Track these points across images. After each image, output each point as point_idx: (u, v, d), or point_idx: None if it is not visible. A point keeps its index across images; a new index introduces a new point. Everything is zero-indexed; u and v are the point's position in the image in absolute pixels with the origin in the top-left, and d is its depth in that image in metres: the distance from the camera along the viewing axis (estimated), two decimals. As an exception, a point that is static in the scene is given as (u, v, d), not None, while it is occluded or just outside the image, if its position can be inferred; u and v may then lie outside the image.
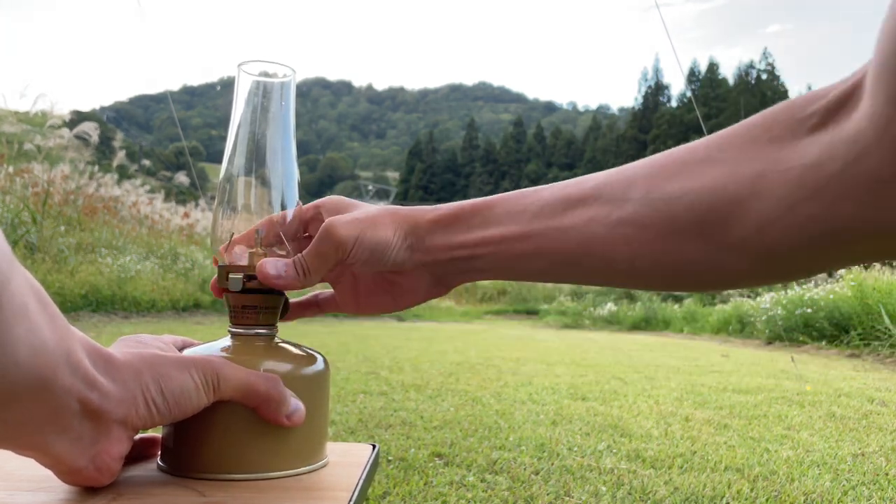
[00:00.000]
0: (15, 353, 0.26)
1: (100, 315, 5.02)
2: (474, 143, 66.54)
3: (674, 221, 0.34)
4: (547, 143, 61.63)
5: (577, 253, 0.37)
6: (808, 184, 0.30)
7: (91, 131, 7.74)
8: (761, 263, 0.33)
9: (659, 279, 0.36)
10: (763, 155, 0.32)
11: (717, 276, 0.35)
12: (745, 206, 0.32)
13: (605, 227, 0.36)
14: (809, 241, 0.31)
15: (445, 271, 0.41)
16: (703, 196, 0.33)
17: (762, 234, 0.32)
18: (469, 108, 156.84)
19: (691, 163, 0.35)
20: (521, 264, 0.39)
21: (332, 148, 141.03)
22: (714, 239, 0.33)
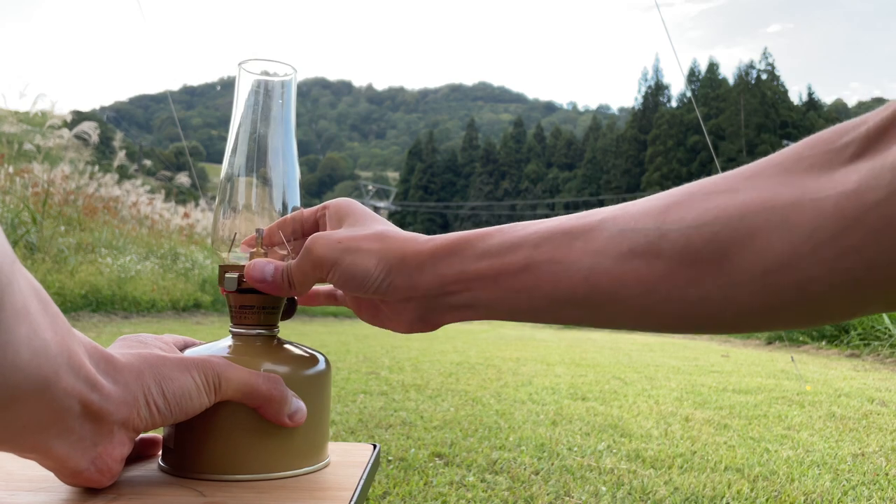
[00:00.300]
0: (16, 354, 0.26)
1: (100, 315, 5.02)
2: (474, 143, 66.55)
3: (690, 252, 0.31)
4: (547, 144, 61.63)
5: (581, 289, 0.34)
6: (846, 213, 0.27)
7: (91, 131, 7.75)
8: (787, 303, 0.29)
9: (670, 318, 0.33)
10: (795, 184, 0.29)
11: (734, 315, 0.31)
12: (772, 236, 0.29)
13: (614, 260, 0.33)
14: (846, 278, 0.27)
15: (433, 307, 0.38)
16: (726, 224, 0.30)
17: (789, 268, 0.29)
18: (469, 108, 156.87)
19: (713, 192, 0.32)
20: (517, 301, 0.36)
21: (332, 148, 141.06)
22: (734, 271, 0.30)
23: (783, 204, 0.29)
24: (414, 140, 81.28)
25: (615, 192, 48.58)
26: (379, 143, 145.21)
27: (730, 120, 44.84)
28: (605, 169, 51.99)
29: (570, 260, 0.34)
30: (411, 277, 0.37)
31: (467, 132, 69.57)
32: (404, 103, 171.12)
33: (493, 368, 3.06)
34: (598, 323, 0.36)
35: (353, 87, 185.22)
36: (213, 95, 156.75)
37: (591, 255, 0.34)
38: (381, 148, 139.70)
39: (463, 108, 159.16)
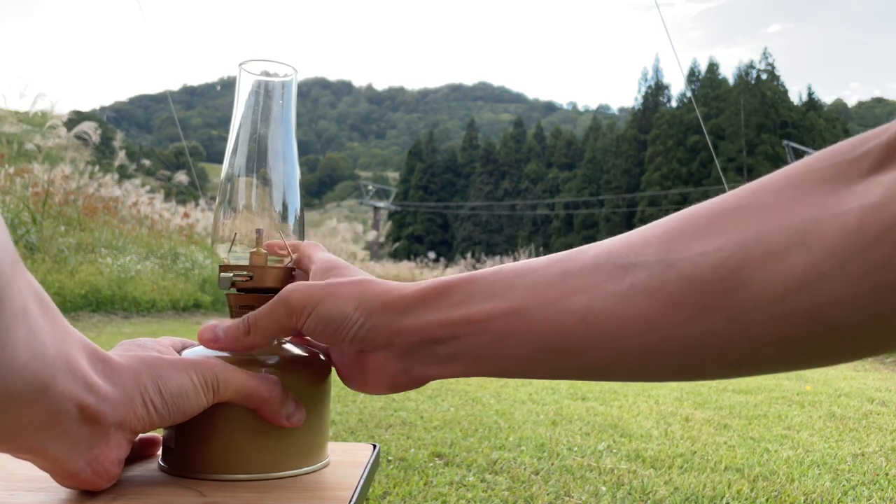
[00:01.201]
0: (14, 356, 0.26)
1: (100, 315, 5.02)
2: (474, 143, 66.56)
3: (695, 281, 0.28)
4: (547, 144, 61.65)
5: (576, 332, 0.31)
6: (871, 228, 0.25)
7: (91, 131, 7.75)
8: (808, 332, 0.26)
9: (673, 358, 0.30)
10: (810, 199, 0.27)
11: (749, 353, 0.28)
12: (788, 257, 0.26)
13: (612, 298, 0.30)
14: (871, 301, 0.25)
15: (417, 358, 0.35)
16: (737, 251, 0.27)
17: (809, 290, 0.26)
18: (469, 108, 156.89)
19: (718, 215, 0.29)
20: (507, 348, 0.32)
21: (332, 148, 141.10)
22: (746, 298, 0.27)
23: (799, 221, 0.27)
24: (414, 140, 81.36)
25: (615, 192, 48.58)
26: (379, 143, 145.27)
27: (730, 120, 44.87)
28: (605, 169, 52.00)
29: (564, 301, 0.31)
30: (394, 322, 0.34)
31: (467, 132, 69.60)
32: (404, 103, 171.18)
33: (493, 368, 3.06)
34: (594, 372, 0.32)
35: (353, 87, 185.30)
36: (213, 95, 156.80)
37: (586, 294, 0.31)
38: (381, 148, 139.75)
39: (463, 108, 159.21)
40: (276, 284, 0.41)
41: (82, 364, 0.31)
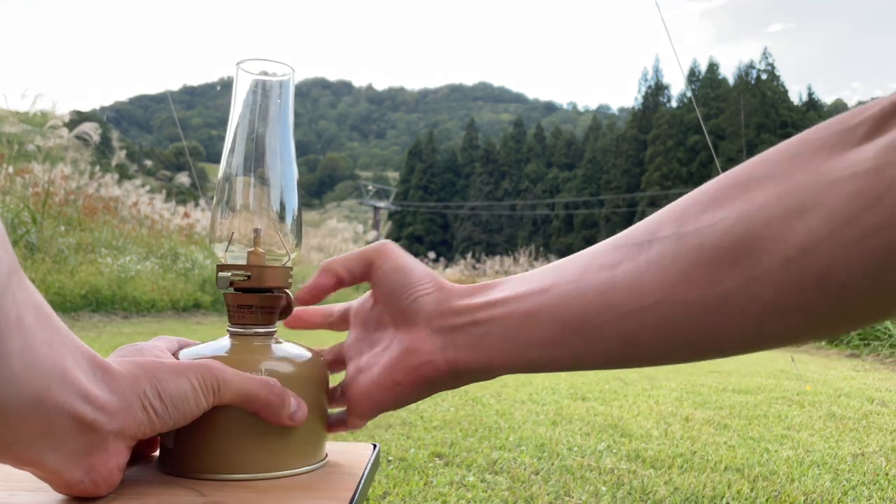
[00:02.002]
0: (8, 367, 0.26)
1: (100, 315, 5.02)
2: (474, 144, 66.53)
3: (705, 251, 0.30)
4: (547, 144, 61.62)
5: (595, 307, 0.32)
6: (865, 192, 0.26)
7: (91, 131, 7.74)
8: (811, 296, 0.27)
9: (691, 331, 0.31)
10: (808, 168, 0.28)
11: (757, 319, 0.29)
12: (788, 222, 0.28)
13: (630, 274, 0.32)
14: (869, 263, 0.26)
15: (453, 339, 0.36)
16: (740, 219, 0.29)
17: (809, 254, 0.27)
18: (469, 108, 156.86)
19: (726, 187, 0.31)
20: (531, 328, 0.34)
21: (332, 148, 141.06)
22: (752, 264, 0.28)
23: (797, 189, 0.28)
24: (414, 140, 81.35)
25: (615, 191, 48.57)
26: (379, 143, 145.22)
27: (730, 120, 44.86)
28: (605, 169, 51.98)
29: (585, 278, 0.33)
30: (451, 301, 0.38)
31: (467, 132, 69.59)
32: (404, 103, 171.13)
33: (493, 368, 3.06)
34: (613, 353, 0.33)
35: (353, 87, 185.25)
36: (213, 95, 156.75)
37: (606, 271, 0.33)
38: (381, 148, 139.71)
39: (463, 108, 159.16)
40: (275, 284, 0.41)
41: (78, 374, 0.31)
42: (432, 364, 0.37)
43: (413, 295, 0.38)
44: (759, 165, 0.30)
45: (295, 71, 0.44)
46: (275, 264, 0.42)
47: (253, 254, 0.41)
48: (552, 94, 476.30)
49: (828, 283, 0.27)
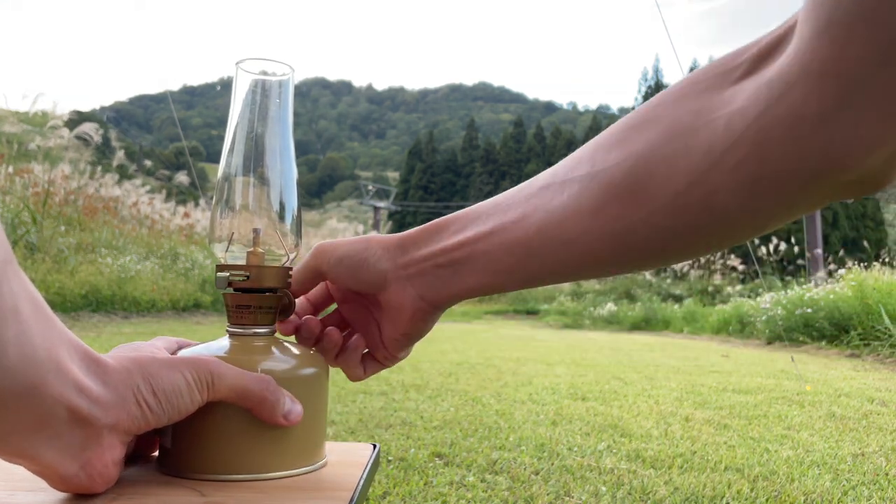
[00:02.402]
0: (3, 358, 0.26)
1: (100, 315, 5.02)
2: (474, 143, 66.52)
3: (611, 188, 0.35)
4: (547, 144, 61.59)
5: (536, 241, 0.37)
6: (733, 130, 0.30)
7: (91, 131, 7.74)
8: (700, 219, 0.33)
9: (610, 255, 0.36)
10: (693, 107, 0.32)
11: (661, 243, 0.35)
12: (675, 161, 0.32)
13: (558, 209, 0.37)
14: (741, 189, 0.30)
15: (426, 283, 0.41)
16: (638, 160, 0.34)
17: (695, 186, 0.32)
18: (469, 108, 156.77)
19: (629, 128, 0.35)
20: (491, 262, 0.39)
21: (332, 148, 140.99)
22: (650, 200, 0.33)
23: (682, 130, 0.32)
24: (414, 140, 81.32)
25: (615, 192, 48.51)
26: (379, 143, 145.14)
27: (730, 120, 44.82)
28: (605, 169, 51.89)
29: (526, 218, 0.38)
30: (405, 254, 0.42)
31: (467, 132, 69.57)
32: (404, 103, 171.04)
33: (493, 368, 3.06)
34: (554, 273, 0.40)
35: (353, 87, 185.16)
36: (213, 95, 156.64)
37: (540, 210, 0.38)
38: (381, 148, 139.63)
39: (463, 108, 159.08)
40: (274, 284, 0.41)
41: (73, 367, 0.31)
42: (421, 309, 0.42)
43: (368, 265, 0.42)
44: (655, 107, 0.35)
45: (295, 71, 0.44)
46: (274, 264, 0.42)
47: (252, 254, 0.41)
48: (552, 94, 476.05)
49: (712, 208, 0.32)
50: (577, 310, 10.68)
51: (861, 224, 27.68)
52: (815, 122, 0.27)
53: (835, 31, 0.26)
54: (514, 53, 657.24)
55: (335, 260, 0.42)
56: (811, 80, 0.27)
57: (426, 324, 0.43)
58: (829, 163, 0.28)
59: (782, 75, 0.28)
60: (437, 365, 3.11)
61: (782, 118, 0.28)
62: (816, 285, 6.05)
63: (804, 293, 5.47)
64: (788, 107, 0.28)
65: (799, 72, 0.27)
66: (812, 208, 0.32)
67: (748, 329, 6.17)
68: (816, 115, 0.27)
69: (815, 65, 0.27)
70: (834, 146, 0.28)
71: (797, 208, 0.31)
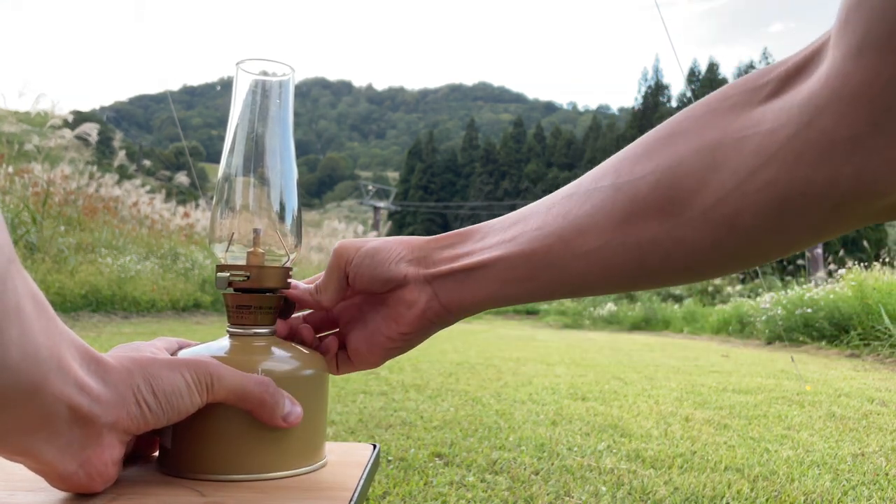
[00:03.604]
0: (6, 355, 0.26)
1: (100, 315, 5.02)
2: (474, 143, 66.53)
3: (637, 202, 0.34)
4: (547, 144, 61.61)
5: (556, 250, 0.37)
6: (763, 151, 0.30)
7: (91, 131, 7.74)
8: (725, 238, 0.32)
9: (631, 268, 0.36)
10: (722, 125, 0.32)
11: (684, 258, 0.34)
12: (703, 177, 0.32)
13: (580, 219, 0.37)
14: (768, 210, 0.30)
15: (442, 286, 0.41)
16: (665, 173, 0.34)
17: (722, 204, 0.32)
18: (469, 108, 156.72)
19: (657, 141, 0.35)
20: (509, 270, 0.39)
21: (332, 148, 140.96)
22: (675, 214, 0.33)
23: (710, 146, 0.32)
24: (414, 140, 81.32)
25: (615, 191, 48.45)
26: (379, 143, 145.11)
27: (730, 120, 44.76)
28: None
29: (547, 226, 0.38)
30: (429, 255, 0.42)
31: (467, 132, 69.58)
32: (404, 103, 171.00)
33: (493, 368, 3.06)
34: (573, 285, 0.38)
35: (353, 87, 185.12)
36: (213, 95, 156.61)
37: (563, 218, 0.37)
38: (381, 148, 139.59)
39: (463, 108, 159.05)
40: (274, 284, 0.41)
41: (74, 365, 0.31)
42: (431, 309, 0.42)
43: (391, 263, 0.41)
44: (683, 122, 0.35)
45: (295, 71, 0.44)
46: (274, 264, 0.42)
47: (252, 254, 0.41)
48: (552, 94, 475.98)
49: (737, 226, 0.32)
50: (577, 310, 10.68)
51: (861, 224, 27.63)
52: (847, 146, 0.27)
53: (867, 56, 0.26)
54: (514, 53, 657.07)
55: (359, 257, 0.42)
56: (843, 105, 0.27)
57: (429, 328, 0.43)
58: (859, 188, 0.28)
59: (813, 98, 0.28)
60: (437, 365, 3.11)
61: (813, 142, 0.28)
62: (816, 285, 6.05)
63: (804, 293, 5.47)
64: (819, 131, 0.27)
65: (830, 95, 0.27)
66: (840, 232, 0.31)
67: (748, 329, 6.17)
68: (848, 140, 0.27)
69: (847, 89, 0.26)
70: (865, 171, 0.27)
71: (825, 232, 0.31)
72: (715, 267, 0.35)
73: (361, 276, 0.42)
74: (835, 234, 0.31)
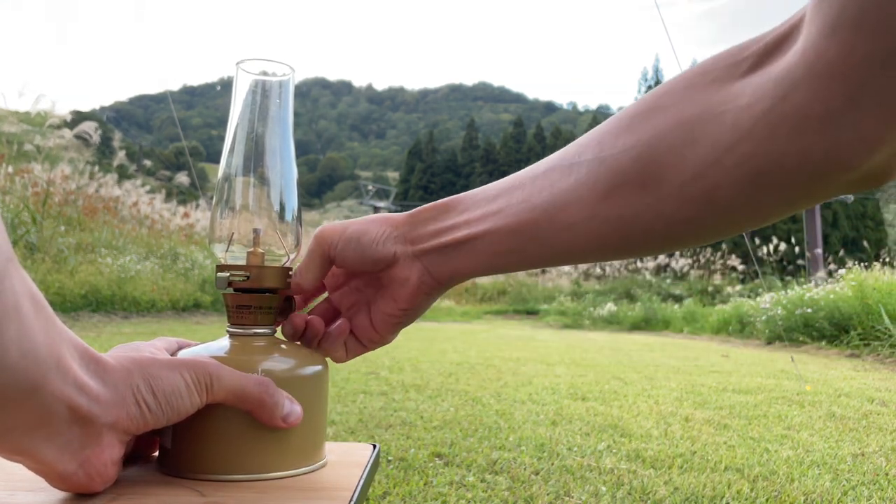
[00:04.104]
0: (5, 355, 0.26)
1: (100, 315, 5.02)
2: (474, 143, 66.56)
3: (619, 175, 0.35)
4: (547, 144, 61.61)
5: (541, 223, 0.38)
6: (740, 125, 0.30)
7: (91, 131, 7.74)
8: (703, 211, 0.33)
9: (614, 240, 0.37)
10: (701, 99, 0.33)
11: (664, 230, 0.35)
12: (682, 152, 0.32)
13: (563, 192, 0.37)
14: (744, 183, 0.31)
15: (432, 260, 0.42)
16: (646, 147, 0.34)
17: (700, 178, 0.32)
18: (469, 108, 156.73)
19: (638, 115, 0.35)
20: (495, 242, 0.39)
21: (332, 148, 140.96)
22: (656, 188, 0.34)
23: (690, 120, 0.33)
24: (414, 140, 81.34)
25: (615, 191, 48.50)
26: (379, 143, 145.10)
27: (730, 120, 44.83)
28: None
29: (531, 199, 0.38)
30: (414, 230, 0.42)
31: (467, 132, 69.59)
32: (404, 103, 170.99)
33: (493, 368, 3.06)
34: (559, 256, 0.39)
35: (353, 87, 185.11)
36: (213, 95, 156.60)
37: (546, 192, 0.38)
38: (381, 148, 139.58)
39: (463, 108, 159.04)
40: (274, 284, 0.41)
41: (73, 365, 0.31)
42: (424, 284, 0.42)
43: (377, 244, 0.42)
44: (663, 95, 0.35)
45: (295, 71, 0.44)
46: (274, 264, 0.42)
47: (252, 254, 0.41)
48: (552, 94, 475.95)
49: (715, 200, 0.32)
50: (577, 310, 10.68)
51: (861, 224, 27.68)
52: (821, 121, 0.28)
53: (841, 33, 0.26)
54: (514, 53, 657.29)
55: (343, 242, 0.42)
56: (817, 81, 0.27)
57: (427, 300, 0.43)
58: (832, 161, 0.29)
59: (788, 73, 0.28)
60: (437, 365, 3.11)
61: (787, 116, 0.28)
62: (816, 285, 6.05)
63: (804, 293, 5.47)
64: (794, 106, 0.28)
65: (805, 72, 0.28)
66: (813, 203, 0.32)
67: (748, 329, 6.17)
68: (822, 115, 0.28)
69: (820, 66, 0.27)
70: (838, 146, 0.28)
71: (799, 203, 0.32)
72: (693, 239, 0.36)
73: (349, 259, 0.42)
74: (807, 205, 0.32)
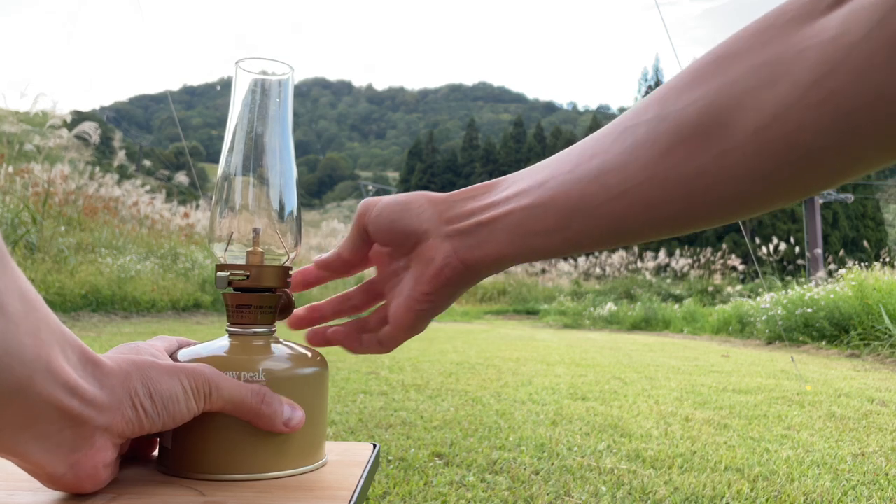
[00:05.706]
0: None
1: (100, 315, 5.02)
2: (474, 143, 66.60)
3: (683, 129, 0.31)
4: (547, 144, 61.62)
5: (590, 191, 0.34)
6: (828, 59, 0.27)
7: (91, 131, 7.74)
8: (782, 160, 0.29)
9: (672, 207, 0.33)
10: (777, 41, 0.29)
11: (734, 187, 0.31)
12: (759, 94, 0.29)
13: (619, 155, 0.33)
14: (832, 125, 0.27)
15: (463, 241, 0.39)
16: (716, 96, 0.31)
17: (780, 120, 0.28)
18: (469, 108, 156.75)
19: (706, 66, 0.32)
20: (533, 220, 0.36)
21: (332, 148, 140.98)
22: (726, 136, 0.30)
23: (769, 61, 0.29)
24: (414, 140, 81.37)
25: (615, 191, 48.51)
26: (379, 143, 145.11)
27: (730, 120, 44.83)
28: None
29: (581, 166, 0.35)
30: (451, 209, 0.40)
31: (467, 132, 69.61)
32: (404, 103, 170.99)
33: (493, 368, 3.06)
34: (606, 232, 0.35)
35: (353, 87, 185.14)
36: (213, 95, 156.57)
37: (599, 157, 0.34)
38: (381, 148, 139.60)
39: (463, 108, 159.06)
40: (274, 283, 0.41)
41: (65, 367, 0.31)
42: (450, 266, 0.39)
43: (410, 216, 0.40)
44: (736, 42, 0.32)
45: (294, 70, 0.44)
46: (274, 264, 0.42)
47: (252, 253, 0.41)
48: (552, 94, 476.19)
49: (796, 146, 0.28)
50: (577, 310, 10.68)
51: (861, 224, 27.68)
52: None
53: None
54: (514, 53, 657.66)
55: (377, 210, 0.41)
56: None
57: (449, 290, 0.40)
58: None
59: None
60: (437, 365, 3.11)
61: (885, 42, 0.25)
62: (816, 285, 6.05)
63: (804, 293, 5.47)
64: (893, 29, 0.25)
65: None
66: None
67: (748, 329, 6.17)
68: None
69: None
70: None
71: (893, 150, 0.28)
72: (767, 198, 0.31)
73: (381, 229, 0.41)
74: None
